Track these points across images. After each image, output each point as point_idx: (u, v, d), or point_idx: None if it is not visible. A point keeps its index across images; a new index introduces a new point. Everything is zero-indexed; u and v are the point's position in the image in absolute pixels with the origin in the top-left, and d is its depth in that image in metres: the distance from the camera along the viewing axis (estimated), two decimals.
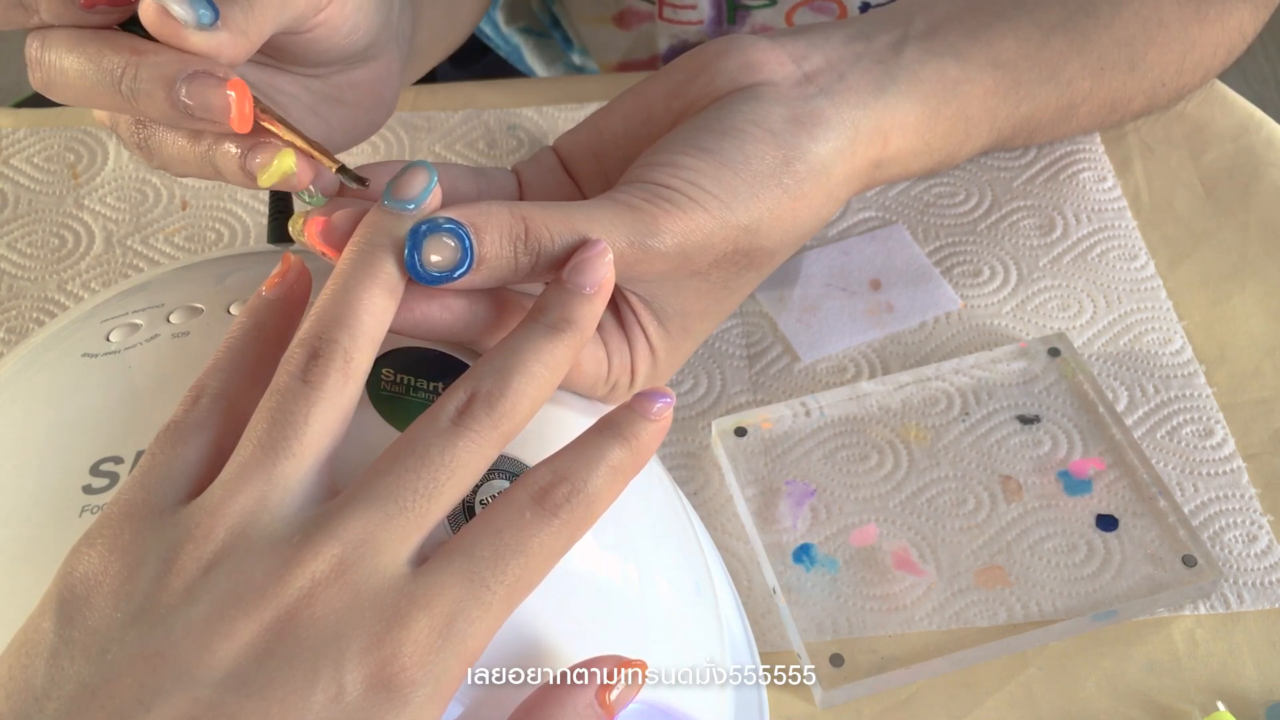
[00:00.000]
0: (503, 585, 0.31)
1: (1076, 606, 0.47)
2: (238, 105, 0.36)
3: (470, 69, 0.87)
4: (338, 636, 0.29)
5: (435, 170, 0.38)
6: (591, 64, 0.82)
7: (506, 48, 0.86)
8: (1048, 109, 0.53)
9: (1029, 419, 0.53)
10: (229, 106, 0.36)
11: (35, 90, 0.38)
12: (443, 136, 0.67)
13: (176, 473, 0.32)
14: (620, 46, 0.76)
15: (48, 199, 0.65)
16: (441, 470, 0.32)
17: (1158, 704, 0.45)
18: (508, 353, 0.34)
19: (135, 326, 0.40)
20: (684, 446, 0.53)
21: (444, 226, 0.36)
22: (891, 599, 0.48)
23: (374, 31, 0.44)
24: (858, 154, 0.46)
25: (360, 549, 0.30)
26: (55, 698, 0.29)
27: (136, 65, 0.36)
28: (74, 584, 0.30)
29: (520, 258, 0.37)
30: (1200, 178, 0.63)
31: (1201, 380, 0.54)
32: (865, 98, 0.46)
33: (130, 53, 0.36)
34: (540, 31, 0.84)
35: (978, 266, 0.59)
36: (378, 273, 0.35)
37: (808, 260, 0.59)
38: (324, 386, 0.33)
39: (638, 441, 0.34)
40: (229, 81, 0.36)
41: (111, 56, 0.36)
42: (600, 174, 0.47)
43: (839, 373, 0.55)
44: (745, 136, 0.43)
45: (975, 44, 0.50)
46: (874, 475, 0.51)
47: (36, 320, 0.59)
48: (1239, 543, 0.49)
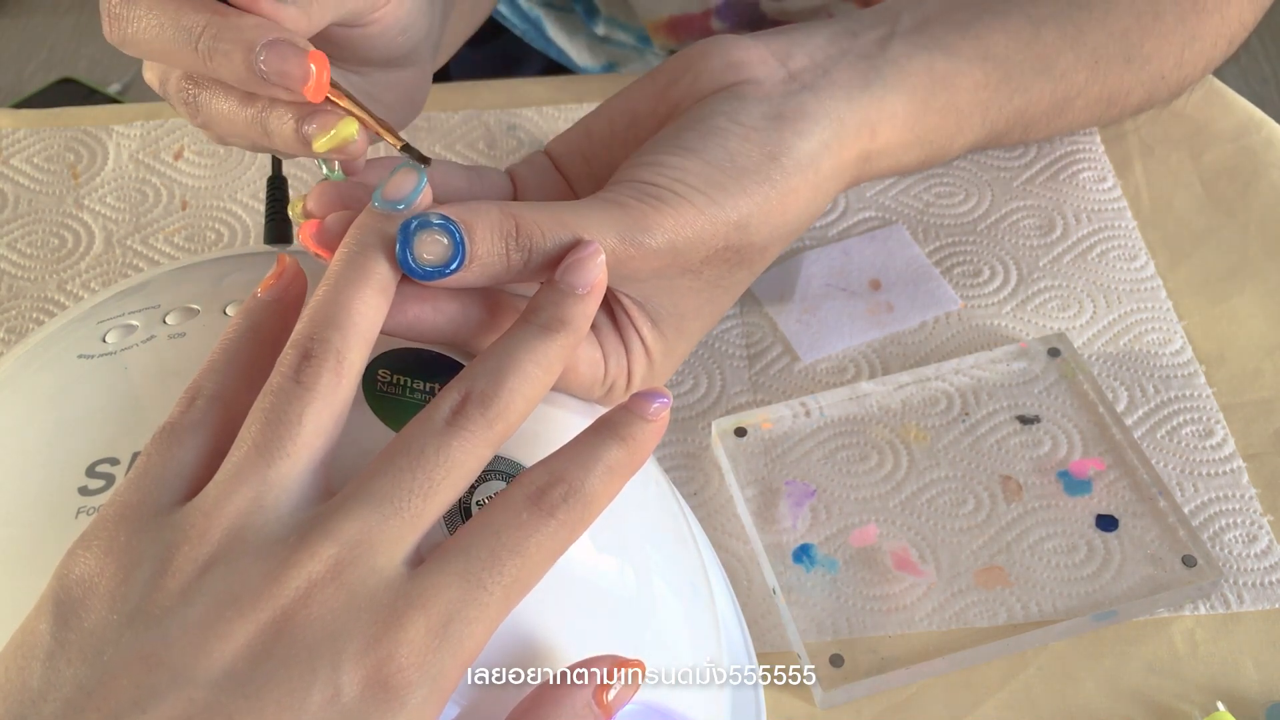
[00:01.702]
0: (500, 586, 0.31)
1: (1076, 607, 0.47)
2: (317, 76, 0.37)
3: (483, 49, 0.87)
4: (334, 637, 0.29)
5: (424, 171, 0.38)
6: (617, 35, 0.81)
7: (524, 24, 0.86)
8: (1041, 102, 0.53)
9: (1029, 419, 0.53)
10: (308, 76, 0.37)
11: (109, 41, 0.39)
12: (443, 136, 0.67)
13: (172, 474, 0.32)
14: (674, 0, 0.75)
15: (48, 199, 0.65)
16: (437, 470, 0.32)
17: (1158, 704, 0.45)
18: (501, 353, 0.34)
19: (131, 327, 0.40)
20: (684, 447, 0.53)
21: (435, 223, 0.36)
22: (891, 599, 0.48)
23: (422, 34, 0.45)
24: (845, 147, 0.46)
25: (356, 550, 0.30)
26: (52, 699, 0.29)
27: (218, 26, 0.37)
28: (70, 586, 0.30)
29: (512, 255, 0.37)
30: (1200, 178, 0.63)
31: (1201, 380, 0.54)
32: (851, 91, 0.46)
33: (210, 13, 0.37)
34: (562, 5, 0.83)
35: (978, 266, 0.59)
36: (369, 272, 0.35)
37: (808, 260, 0.59)
38: (317, 386, 0.33)
39: (635, 442, 0.34)
40: (309, 53, 0.37)
41: (191, 15, 0.37)
42: (590, 175, 0.47)
43: (839, 373, 0.55)
44: (728, 135, 0.43)
45: (964, 38, 0.50)
46: (874, 475, 0.51)
47: (36, 320, 0.59)
48: (1239, 543, 0.49)
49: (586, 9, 0.82)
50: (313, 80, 0.37)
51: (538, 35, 0.85)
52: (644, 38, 0.79)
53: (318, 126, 0.39)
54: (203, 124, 0.42)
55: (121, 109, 0.70)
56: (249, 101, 0.40)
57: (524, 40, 0.87)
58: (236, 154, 0.67)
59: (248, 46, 0.37)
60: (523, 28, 0.85)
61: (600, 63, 0.85)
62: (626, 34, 0.80)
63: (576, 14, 0.83)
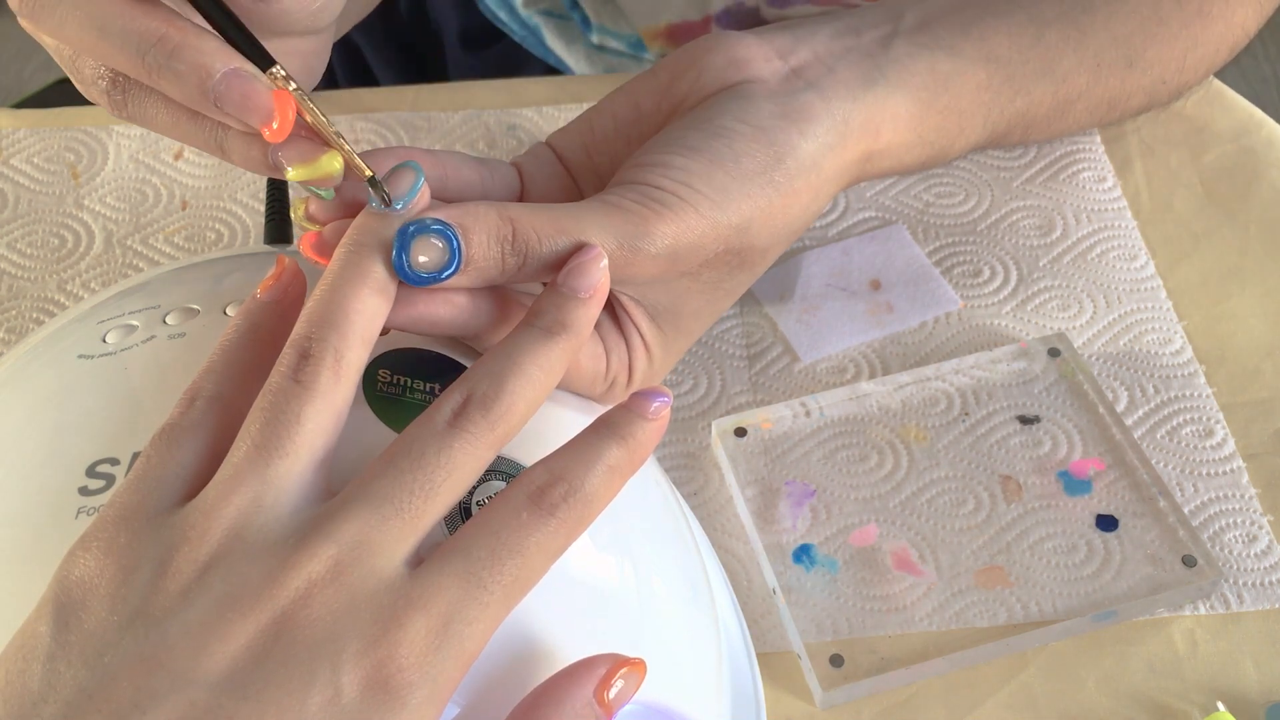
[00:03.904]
0: (500, 585, 0.31)
1: (1076, 606, 0.47)
2: (281, 117, 0.35)
3: (482, 54, 0.87)
4: (334, 638, 0.29)
5: (422, 170, 0.38)
6: (610, 43, 0.81)
7: (523, 31, 0.86)
8: (1043, 104, 0.53)
9: (1029, 419, 0.53)
10: (271, 117, 0.35)
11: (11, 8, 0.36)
12: (443, 136, 0.67)
13: (172, 476, 0.32)
14: (672, 7, 0.75)
15: (48, 199, 0.65)
16: (438, 472, 0.32)
17: (1158, 704, 0.45)
18: (503, 356, 0.34)
19: (131, 328, 0.40)
20: (684, 447, 0.53)
21: (432, 228, 0.36)
22: (891, 599, 0.48)
23: (335, 8, 0.42)
24: (848, 148, 0.46)
25: (356, 551, 0.30)
26: (52, 702, 0.29)
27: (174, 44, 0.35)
28: (70, 588, 0.30)
29: (507, 259, 0.37)
30: (1200, 178, 0.63)
31: (1201, 380, 0.54)
32: (855, 90, 0.46)
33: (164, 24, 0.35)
34: (560, 14, 0.83)
35: (978, 266, 0.59)
36: (366, 273, 0.35)
37: (808, 260, 0.59)
38: (316, 386, 0.33)
39: (635, 441, 0.34)
40: (274, 92, 0.35)
41: (141, 20, 0.35)
42: (592, 170, 0.47)
43: (839, 373, 0.55)
44: (735, 135, 0.43)
45: (967, 39, 0.50)
46: (874, 475, 0.51)
47: (36, 320, 0.59)
48: (1239, 543, 0.49)
49: (583, 17, 0.82)
50: (277, 122, 0.35)
51: (536, 43, 0.85)
52: (638, 44, 0.79)
53: (294, 156, 0.37)
54: (128, 119, 0.39)
55: None
56: (196, 119, 0.37)
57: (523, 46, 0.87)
58: None
59: (204, 74, 0.35)
60: (521, 34, 0.85)
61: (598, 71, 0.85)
62: (619, 42, 0.80)
63: (574, 22, 0.83)
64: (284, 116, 0.35)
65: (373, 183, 0.37)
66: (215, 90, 0.35)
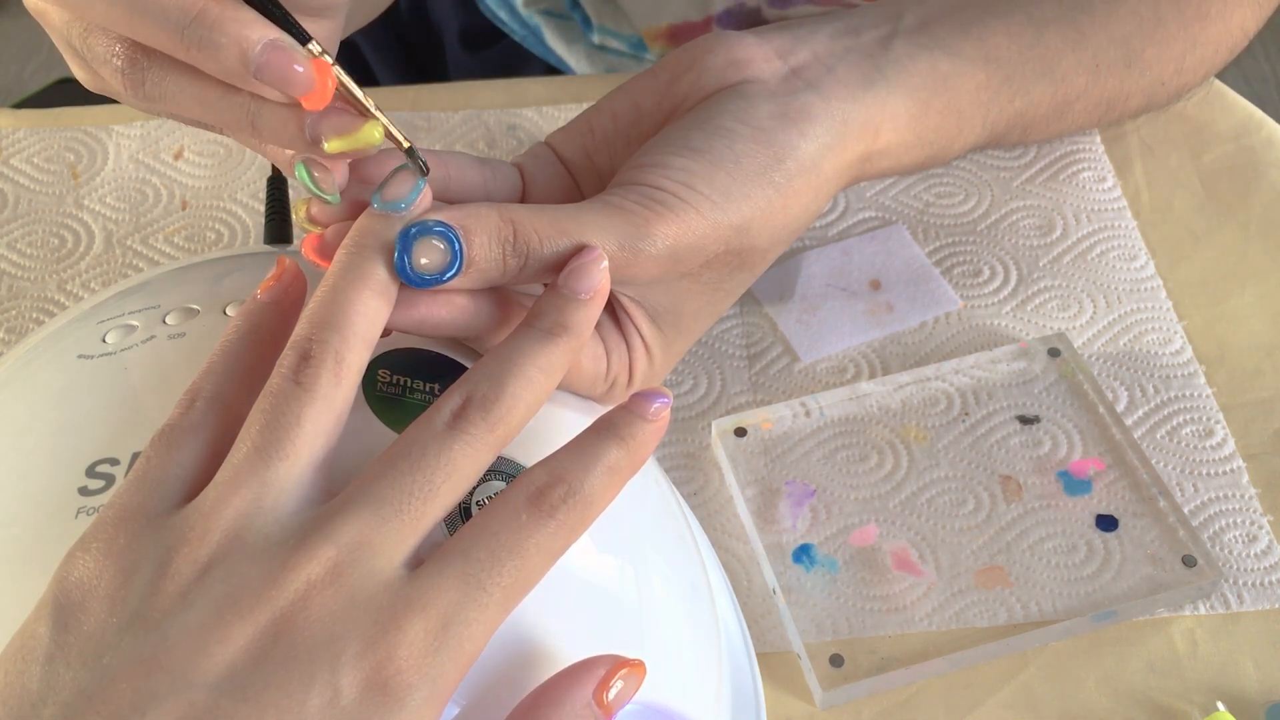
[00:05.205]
0: (499, 587, 0.31)
1: (1076, 607, 0.47)
2: (320, 85, 0.35)
3: (482, 54, 0.87)
4: (333, 640, 0.29)
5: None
6: (611, 43, 0.81)
7: (523, 31, 0.86)
8: (1041, 105, 0.53)
9: (1029, 419, 0.53)
10: (311, 84, 0.35)
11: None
12: (443, 136, 0.67)
13: (171, 477, 0.32)
14: (674, 7, 0.75)
15: (48, 199, 0.65)
16: (437, 473, 0.32)
17: (1158, 704, 0.45)
18: (504, 358, 0.34)
19: (131, 328, 0.40)
20: (684, 447, 0.53)
21: (434, 229, 0.36)
22: (891, 599, 0.48)
23: None
24: (847, 149, 0.46)
25: (356, 552, 0.30)
26: (51, 703, 0.29)
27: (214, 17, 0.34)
28: (69, 589, 0.30)
29: (509, 260, 0.37)
30: (1200, 178, 0.63)
31: (1201, 380, 0.54)
32: (854, 90, 0.46)
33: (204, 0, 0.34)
34: (561, 14, 0.83)
35: (978, 266, 0.59)
36: (367, 274, 0.35)
37: (808, 260, 0.59)
38: (316, 388, 0.33)
39: (635, 442, 0.34)
40: (314, 60, 0.35)
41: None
42: (592, 169, 0.47)
43: (839, 373, 0.55)
44: (735, 135, 0.43)
45: (966, 39, 0.50)
46: (874, 475, 0.51)
47: (36, 320, 0.59)
48: (1239, 543, 0.49)
49: (584, 17, 0.82)
50: (316, 90, 0.35)
51: (537, 43, 0.85)
52: (639, 45, 0.79)
53: (333, 127, 0.36)
54: (144, 99, 0.38)
55: (121, 109, 0.70)
56: (228, 94, 0.37)
57: (523, 46, 0.87)
58: (236, 154, 0.67)
59: (245, 45, 0.34)
60: (522, 34, 0.85)
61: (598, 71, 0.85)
62: (620, 42, 0.80)
63: (575, 22, 0.83)
64: (323, 86, 0.35)
65: (410, 153, 0.38)
66: (256, 61, 0.34)
